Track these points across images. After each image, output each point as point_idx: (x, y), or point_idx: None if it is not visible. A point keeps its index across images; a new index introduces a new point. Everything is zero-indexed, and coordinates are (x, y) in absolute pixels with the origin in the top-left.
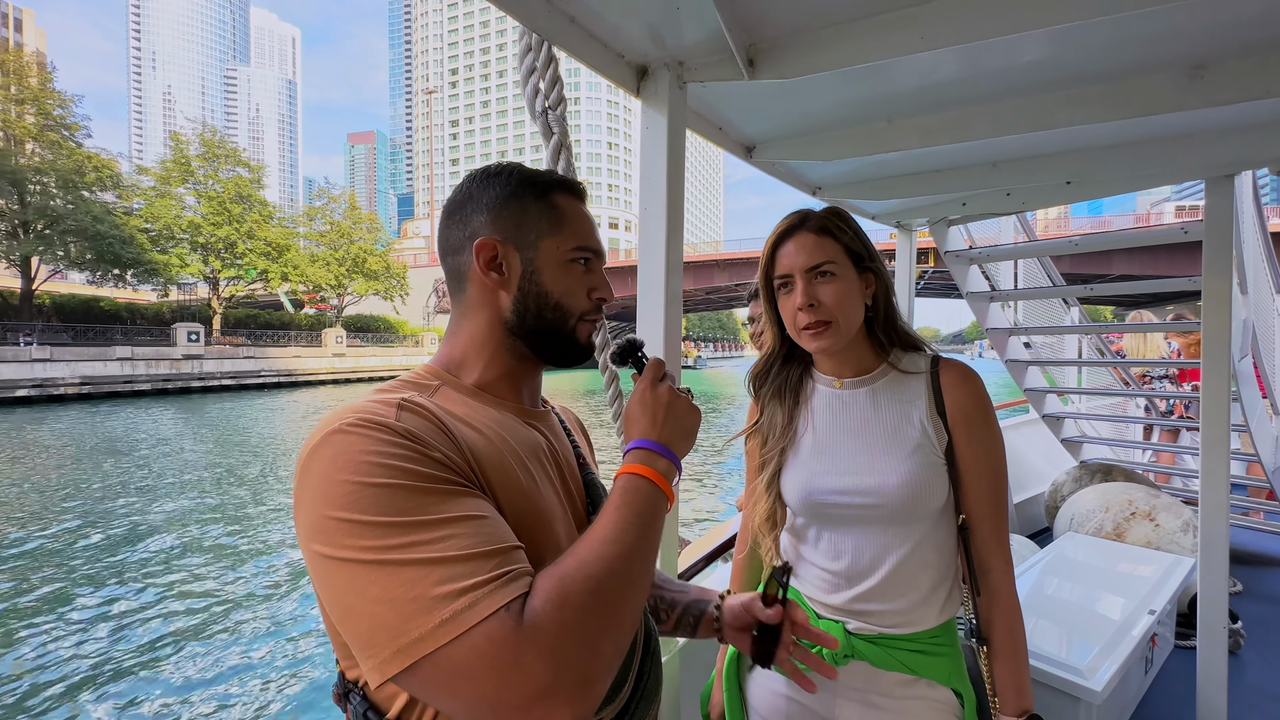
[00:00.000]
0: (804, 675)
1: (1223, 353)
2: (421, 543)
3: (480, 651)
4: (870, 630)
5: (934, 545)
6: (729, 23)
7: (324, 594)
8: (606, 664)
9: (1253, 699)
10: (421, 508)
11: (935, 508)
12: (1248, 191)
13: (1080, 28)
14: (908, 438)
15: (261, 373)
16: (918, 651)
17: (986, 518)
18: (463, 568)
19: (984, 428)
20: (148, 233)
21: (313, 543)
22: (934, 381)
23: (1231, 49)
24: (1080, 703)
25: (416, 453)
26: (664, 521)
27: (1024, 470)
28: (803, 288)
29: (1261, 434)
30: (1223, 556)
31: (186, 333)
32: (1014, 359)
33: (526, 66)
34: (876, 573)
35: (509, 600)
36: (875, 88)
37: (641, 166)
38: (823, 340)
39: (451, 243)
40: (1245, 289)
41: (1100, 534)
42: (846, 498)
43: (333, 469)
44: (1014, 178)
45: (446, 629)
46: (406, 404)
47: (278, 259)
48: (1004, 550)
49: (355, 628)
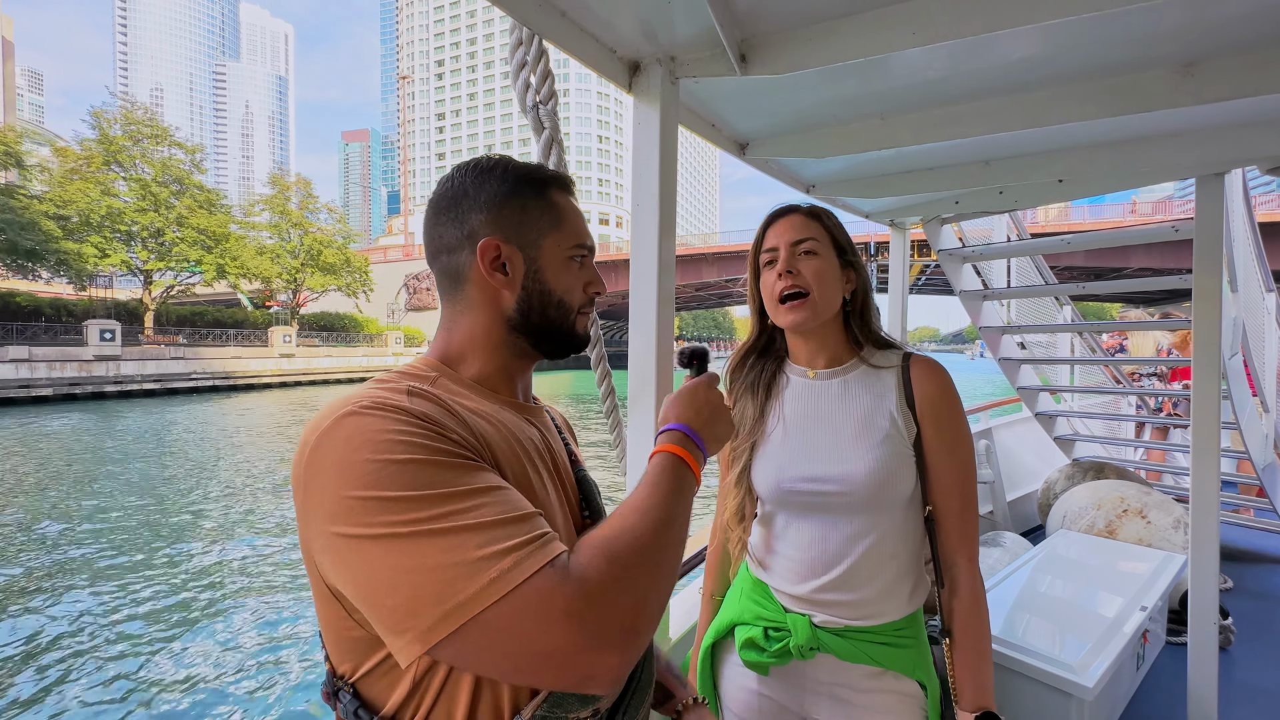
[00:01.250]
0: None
1: (1213, 350)
2: (455, 512)
3: (530, 605)
4: (836, 623)
5: (901, 536)
6: (721, 18)
7: (349, 575)
8: (651, 616)
9: (1243, 694)
10: (448, 481)
11: (902, 498)
12: (1238, 190)
13: (1071, 25)
14: (878, 427)
15: (193, 375)
16: (883, 644)
17: (953, 511)
18: (501, 531)
19: (952, 421)
20: (61, 220)
21: (334, 525)
22: (905, 375)
23: (1222, 47)
24: (1072, 699)
25: (434, 432)
26: (690, 508)
27: (1017, 468)
28: (785, 256)
29: (1251, 431)
30: (1213, 553)
31: (100, 331)
32: (1007, 357)
33: (517, 61)
34: (843, 562)
35: (552, 558)
36: (868, 84)
37: (634, 163)
38: (797, 313)
39: (446, 241)
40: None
41: (1093, 531)
42: (815, 485)
43: (350, 450)
44: (1007, 175)
45: (495, 588)
46: (415, 390)
47: (214, 249)
48: (969, 545)
49: (393, 601)
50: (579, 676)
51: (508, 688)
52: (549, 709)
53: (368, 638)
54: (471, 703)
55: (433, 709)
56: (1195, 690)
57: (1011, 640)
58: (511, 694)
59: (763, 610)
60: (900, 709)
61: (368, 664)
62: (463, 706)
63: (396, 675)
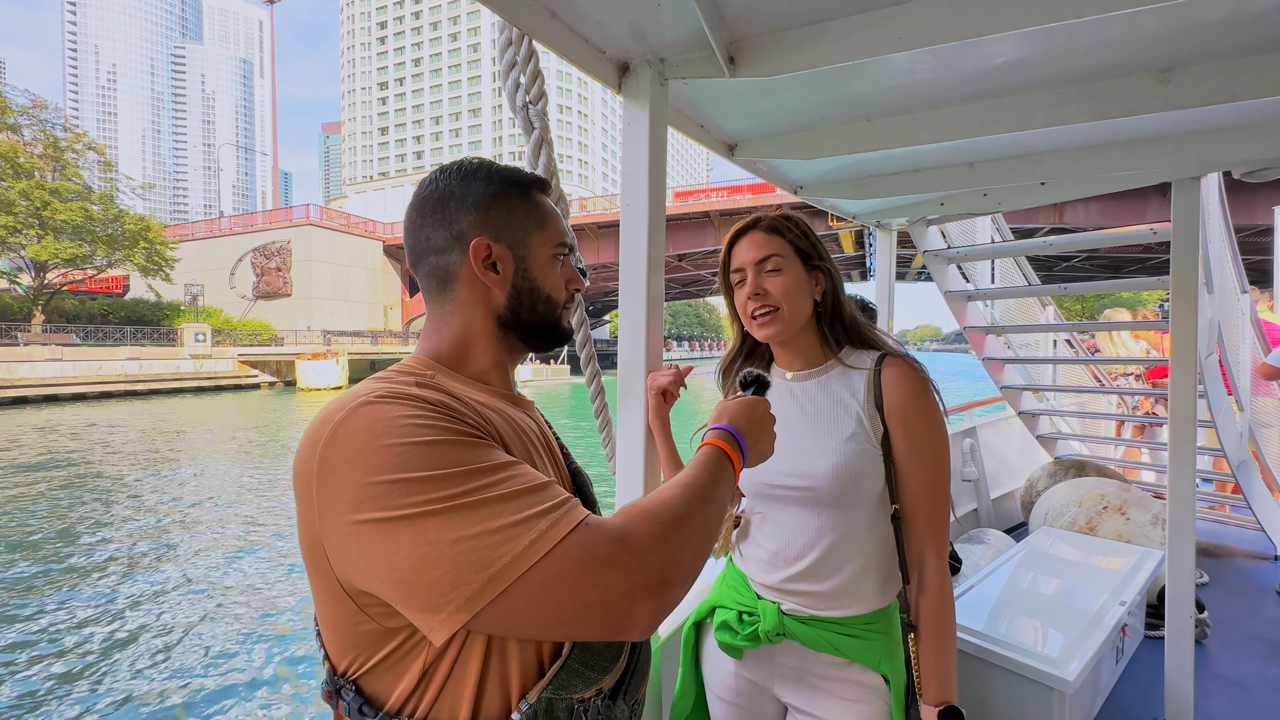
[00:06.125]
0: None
1: (1190, 350)
2: (485, 485)
3: (574, 558)
4: (802, 611)
5: (869, 532)
6: (709, 20)
7: (379, 560)
8: (685, 573)
9: (1218, 686)
10: (472, 458)
11: (869, 495)
12: (1214, 193)
13: (1054, 30)
14: (843, 426)
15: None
16: (848, 635)
17: (921, 511)
18: (532, 498)
19: (920, 423)
20: None
21: (360, 513)
22: (876, 377)
23: (1197, 54)
24: (1053, 691)
25: (450, 415)
26: (729, 497)
27: (1000, 466)
28: (752, 278)
29: (1227, 429)
30: (1190, 549)
31: None
32: (990, 356)
33: (507, 61)
34: (809, 554)
35: (584, 517)
36: (854, 87)
37: (623, 163)
38: (769, 327)
39: (434, 242)
40: (1211, 288)
41: (1074, 528)
42: (785, 479)
43: (370, 437)
44: (991, 178)
45: (537, 547)
46: (422, 383)
47: None
48: (937, 544)
49: (432, 575)
50: (618, 621)
51: (515, 672)
52: (554, 690)
53: (377, 630)
54: (478, 689)
55: (438, 698)
56: (1172, 682)
57: (994, 635)
58: (518, 678)
59: (738, 596)
60: (863, 699)
61: (374, 658)
62: (469, 694)
63: (403, 667)
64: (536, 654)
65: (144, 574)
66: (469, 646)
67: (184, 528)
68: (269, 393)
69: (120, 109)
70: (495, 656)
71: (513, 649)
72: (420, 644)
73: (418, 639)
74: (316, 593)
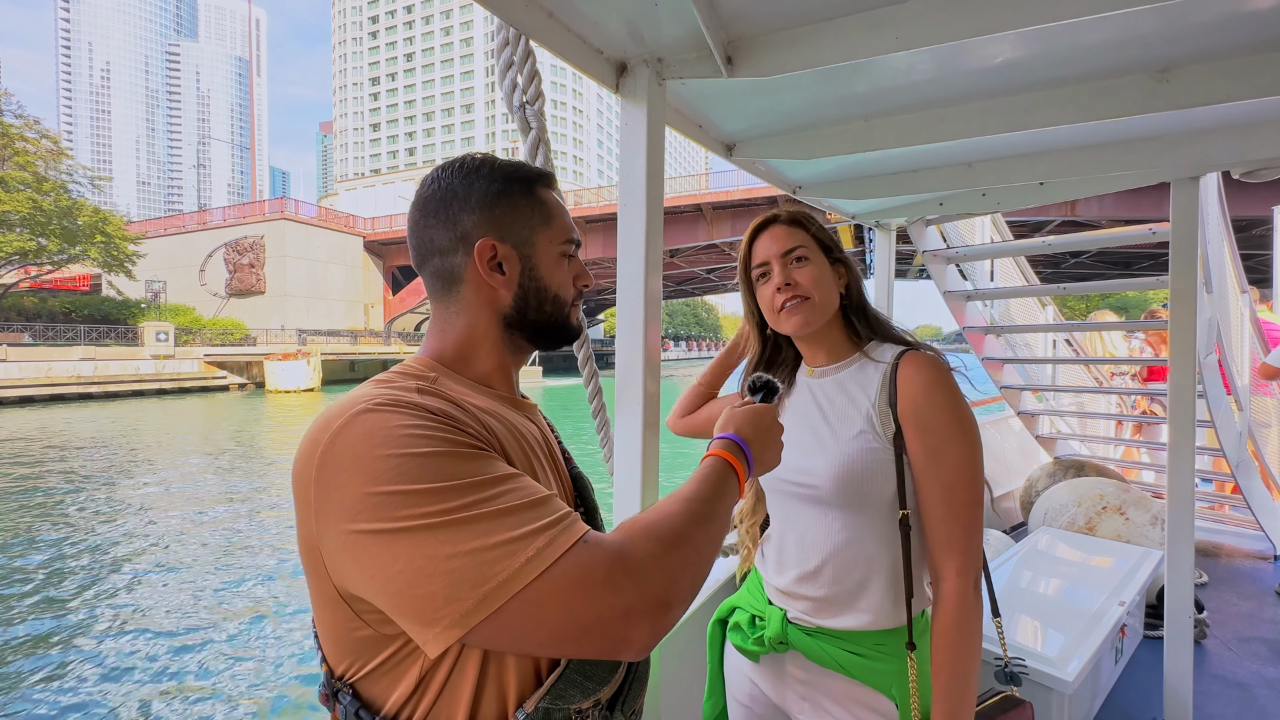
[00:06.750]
0: None
1: (1189, 350)
2: (483, 499)
3: (570, 577)
4: (805, 620)
5: (878, 539)
6: (707, 20)
7: (374, 571)
8: (682, 594)
9: (1217, 686)
10: (471, 471)
11: (879, 498)
12: (1213, 193)
13: (1051, 30)
14: (851, 423)
15: None
16: (856, 654)
17: (938, 519)
18: (530, 513)
19: (937, 422)
20: None
21: (356, 523)
22: (893, 373)
23: (1195, 53)
24: (1052, 692)
25: (450, 426)
26: (732, 508)
27: (1000, 466)
28: (779, 270)
29: (1226, 429)
30: (1188, 549)
31: None
32: (989, 356)
33: (504, 61)
34: (815, 556)
35: (582, 534)
36: (852, 87)
37: (621, 163)
38: (799, 314)
39: (438, 243)
40: (1210, 288)
41: (1073, 528)
42: (792, 475)
43: (369, 447)
44: (989, 178)
45: (533, 565)
46: (425, 388)
47: None
48: (958, 558)
49: (427, 590)
50: (614, 642)
51: (512, 681)
52: (551, 700)
53: (374, 636)
54: (474, 697)
55: (434, 705)
56: (1171, 682)
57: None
58: (515, 687)
59: (753, 599)
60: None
61: (371, 663)
62: (465, 702)
63: (399, 673)
64: (534, 663)
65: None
66: (466, 655)
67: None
68: (238, 395)
69: (114, 107)
70: (492, 665)
71: (510, 658)
72: (416, 651)
73: (414, 646)
74: (314, 596)
